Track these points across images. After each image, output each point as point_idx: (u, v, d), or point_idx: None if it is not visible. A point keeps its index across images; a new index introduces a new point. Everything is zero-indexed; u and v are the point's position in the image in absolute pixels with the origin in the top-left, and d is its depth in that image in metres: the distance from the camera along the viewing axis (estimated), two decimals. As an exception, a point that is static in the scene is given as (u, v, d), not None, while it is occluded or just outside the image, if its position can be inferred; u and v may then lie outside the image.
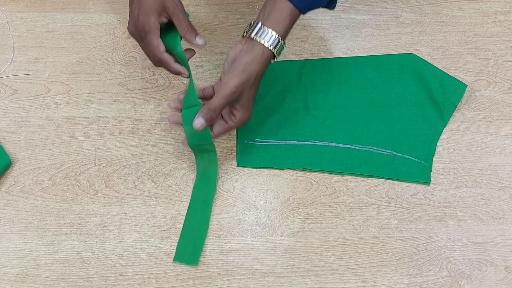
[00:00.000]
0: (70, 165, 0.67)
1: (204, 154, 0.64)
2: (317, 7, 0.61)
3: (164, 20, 0.60)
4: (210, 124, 0.60)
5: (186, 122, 0.61)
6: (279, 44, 0.59)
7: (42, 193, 0.66)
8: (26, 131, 0.69)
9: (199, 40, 0.60)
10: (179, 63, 0.62)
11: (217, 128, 0.62)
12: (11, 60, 0.74)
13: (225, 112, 0.62)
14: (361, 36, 0.77)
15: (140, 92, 0.72)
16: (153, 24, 0.59)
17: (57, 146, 0.69)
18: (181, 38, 0.61)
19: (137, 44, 0.75)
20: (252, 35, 0.58)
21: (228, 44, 0.76)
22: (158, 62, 0.62)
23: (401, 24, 0.78)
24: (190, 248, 0.63)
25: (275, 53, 0.59)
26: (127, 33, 0.76)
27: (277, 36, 0.58)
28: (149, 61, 0.73)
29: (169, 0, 0.59)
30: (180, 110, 0.61)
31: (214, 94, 0.62)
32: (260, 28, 0.58)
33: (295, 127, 0.70)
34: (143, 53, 0.74)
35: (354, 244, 0.64)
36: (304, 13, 0.59)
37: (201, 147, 0.63)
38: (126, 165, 0.68)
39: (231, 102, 0.59)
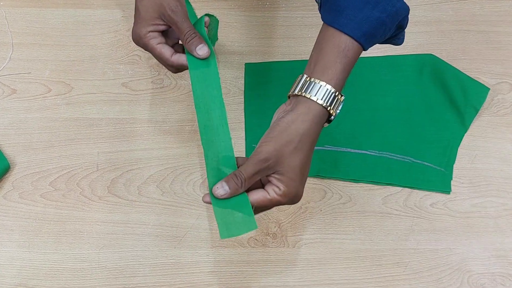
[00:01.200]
0: (72, 170, 0.64)
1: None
2: (380, 37, 0.48)
3: (162, 28, 0.55)
4: (233, 195, 0.48)
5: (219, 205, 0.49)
6: (333, 96, 0.47)
7: (42, 199, 0.63)
8: (25, 133, 0.66)
9: (199, 51, 0.53)
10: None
11: (254, 196, 0.48)
12: (9, 58, 0.71)
13: (266, 181, 0.49)
14: (377, 35, 0.74)
15: (144, 93, 0.69)
16: (149, 35, 0.54)
17: (58, 149, 0.65)
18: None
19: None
20: (296, 91, 0.48)
21: (237, 43, 0.72)
22: (175, 69, 0.56)
23: (419, 22, 0.75)
24: (235, 210, 0.48)
25: (329, 108, 0.47)
26: (131, 30, 0.73)
27: (327, 86, 0.46)
28: (154, 60, 0.71)
29: (166, 6, 0.53)
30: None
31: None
32: (305, 81, 0.48)
33: (307, 131, 0.67)
34: (148, 52, 0.71)
35: (370, 256, 0.61)
36: (365, 48, 0.48)
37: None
38: (130, 170, 0.65)
39: (267, 171, 0.47)
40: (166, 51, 0.55)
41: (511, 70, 0.71)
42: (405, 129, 0.67)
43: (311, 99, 0.47)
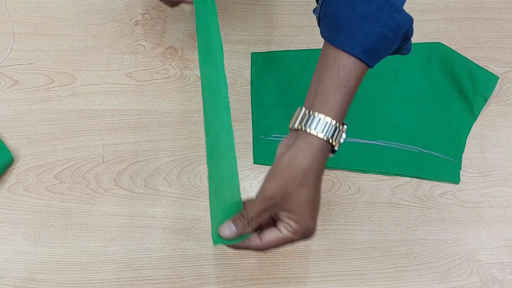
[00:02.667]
0: (77, 162, 0.63)
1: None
2: (385, 51, 0.46)
3: None
4: (240, 235, 0.47)
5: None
6: (333, 128, 0.45)
7: (47, 192, 0.62)
8: (29, 125, 0.65)
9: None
10: None
11: (267, 236, 0.47)
12: (11, 48, 0.69)
13: (278, 218, 0.48)
14: (384, 24, 0.72)
15: (149, 83, 0.68)
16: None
17: (62, 141, 0.64)
18: None
19: (145, 31, 0.71)
20: (296, 124, 0.45)
21: (242, 32, 0.71)
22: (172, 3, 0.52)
23: (427, 10, 0.73)
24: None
25: (332, 141, 0.45)
26: (135, 19, 0.71)
27: (327, 119, 0.44)
28: (159, 50, 0.69)
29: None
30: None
31: None
32: (304, 114, 0.45)
33: (315, 122, 0.66)
34: (152, 41, 0.70)
35: (379, 247, 0.60)
36: (370, 65, 0.45)
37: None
38: (136, 162, 0.64)
39: (274, 209, 0.46)
40: None
41: (520, 58, 0.71)
42: (413, 119, 0.66)
43: (311, 134, 0.45)
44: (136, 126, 0.65)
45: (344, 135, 0.47)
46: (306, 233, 0.46)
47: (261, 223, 0.47)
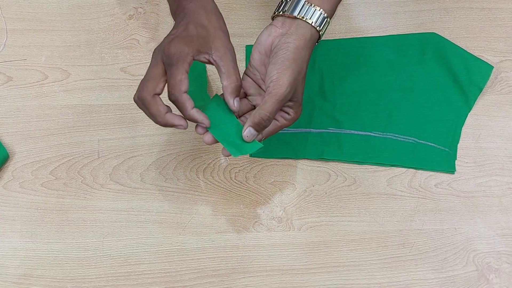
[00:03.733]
0: (72, 158, 0.63)
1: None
2: None
3: (204, 60, 0.49)
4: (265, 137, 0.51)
5: (223, 138, 0.51)
6: (326, 23, 0.49)
7: (43, 188, 0.62)
8: (23, 122, 0.65)
9: (236, 104, 0.49)
10: (199, 109, 0.50)
11: (267, 128, 0.51)
12: (4, 44, 0.69)
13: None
14: (378, 14, 0.72)
15: (144, 77, 0.68)
16: (186, 56, 0.47)
17: (57, 137, 0.64)
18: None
19: (139, 25, 0.70)
20: (295, 13, 0.48)
21: (236, 25, 0.71)
22: (173, 101, 0.49)
23: (421, 0, 0.73)
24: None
25: (321, 34, 0.49)
26: (128, 13, 0.71)
27: (323, 13, 0.48)
28: (153, 44, 0.69)
29: (221, 40, 0.49)
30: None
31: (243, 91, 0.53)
32: (304, 4, 0.48)
33: (310, 114, 0.66)
34: (146, 35, 0.70)
35: (376, 238, 0.60)
36: None
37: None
38: (132, 156, 0.64)
39: (286, 102, 0.50)
40: (186, 83, 0.48)
41: (515, 48, 0.71)
42: (408, 110, 0.66)
43: (310, 24, 0.48)
44: (131, 121, 0.65)
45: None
46: (298, 118, 0.52)
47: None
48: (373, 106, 0.67)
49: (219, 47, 0.49)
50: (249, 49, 0.69)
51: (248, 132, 0.49)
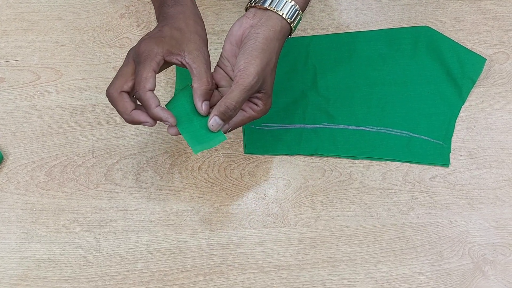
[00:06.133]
0: (67, 158, 0.63)
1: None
2: None
3: (176, 61, 0.49)
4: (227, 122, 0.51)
5: (185, 130, 0.51)
6: (298, 15, 0.49)
7: (38, 189, 0.62)
8: (17, 123, 0.65)
9: (204, 107, 0.49)
10: (165, 108, 0.50)
11: (235, 118, 0.51)
12: (-4, 45, 0.68)
13: None
14: (371, 9, 0.72)
15: (137, 76, 0.67)
16: (155, 55, 0.48)
17: (51, 137, 0.64)
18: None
19: (131, 24, 0.70)
20: (266, 4, 0.49)
21: (229, 21, 0.71)
22: (138, 98, 0.49)
23: (413, -6, 0.73)
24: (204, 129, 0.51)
25: (292, 25, 0.49)
26: (120, 12, 0.71)
27: (295, 5, 0.48)
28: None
29: (195, 44, 0.49)
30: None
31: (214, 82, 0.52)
32: None
33: (304, 110, 0.66)
34: (138, 34, 0.70)
35: (372, 232, 0.61)
36: None
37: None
38: (126, 156, 0.64)
39: (254, 93, 0.50)
40: (151, 82, 0.48)
41: (508, 40, 0.71)
42: (402, 104, 0.67)
43: (281, 15, 0.48)
44: (125, 120, 0.65)
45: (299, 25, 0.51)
46: (267, 110, 0.52)
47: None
48: (367, 101, 0.67)
49: (192, 50, 0.49)
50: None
51: (214, 121, 0.49)
